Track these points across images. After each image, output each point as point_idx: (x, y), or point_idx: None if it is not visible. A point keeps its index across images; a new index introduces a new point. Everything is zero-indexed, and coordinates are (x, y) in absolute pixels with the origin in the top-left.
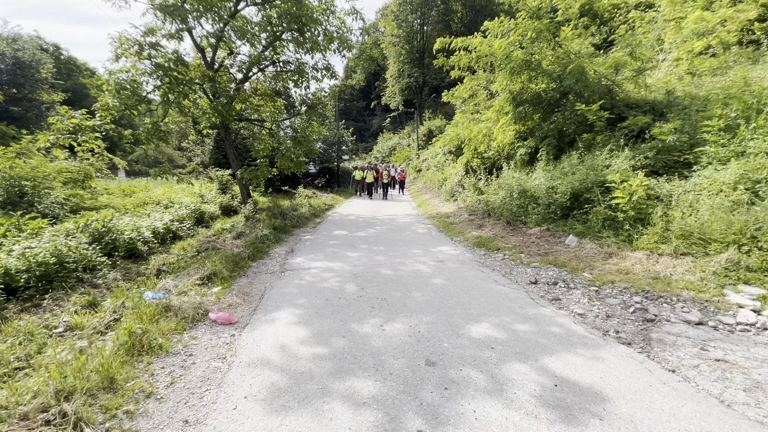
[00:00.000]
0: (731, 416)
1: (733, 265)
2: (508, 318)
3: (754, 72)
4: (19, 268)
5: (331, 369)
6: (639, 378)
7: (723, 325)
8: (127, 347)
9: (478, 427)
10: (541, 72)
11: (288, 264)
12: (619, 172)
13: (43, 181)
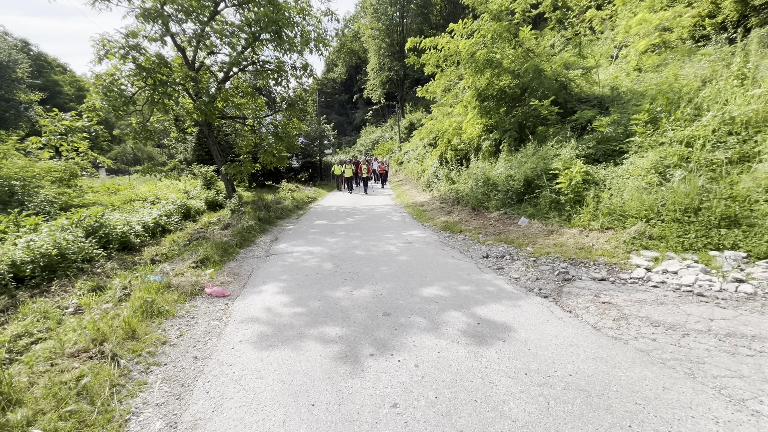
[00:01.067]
0: (596, 335)
1: (640, 235)
2: (454, 282)
3: (684, 69)
4: (24, 259)
5: (307, 321)
6: (541, 317)
7: (620, 280)
8: (141, 310)
9: (415, 351)
10: (501, 70)
11: (272, 249)
12: (563, 160)
13: (32, 181)
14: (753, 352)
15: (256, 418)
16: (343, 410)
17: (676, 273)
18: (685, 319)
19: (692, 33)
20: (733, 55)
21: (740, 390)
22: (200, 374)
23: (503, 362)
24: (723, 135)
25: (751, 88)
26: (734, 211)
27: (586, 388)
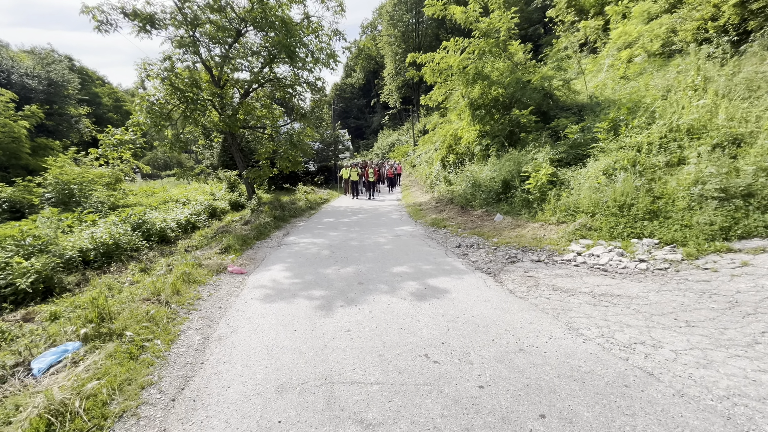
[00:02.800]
0: (507, 295)
1: (582, 227)
2: (421, 263)
3: (654, 80)
4: (89, 247)
5: (301, 287)
6: (475, 285)
7: (553, 261)
8: (182, 278)
9: (372, 304)
10: (490, 82)
11: (283, 241)
12: (534, 164)
13: (87, 185)
14: (609, 304)
15: (258, 335)
16: (314, 333)
17: (598, 256)
18: (580, 286)
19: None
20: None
21: (581, 324)
22: (223, 315)
23: (430, 309)
24: (669, 141)
25: (699, 98)
26: (657, 207)
27: (478, 322)
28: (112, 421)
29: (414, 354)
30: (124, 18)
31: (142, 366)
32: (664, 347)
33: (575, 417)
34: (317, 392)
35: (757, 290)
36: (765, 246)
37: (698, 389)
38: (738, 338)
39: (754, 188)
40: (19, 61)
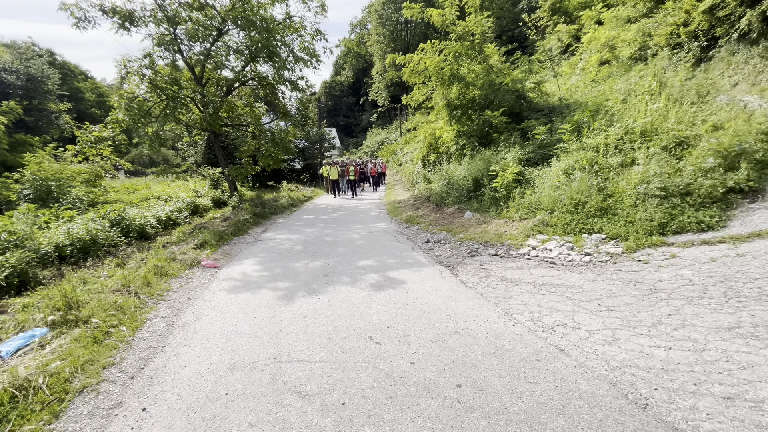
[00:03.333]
0: (458, 285)
1: (540, 223)
2: (387, 257)
3: (618, 84)
4: (65, 242)
5: (268, 279)
6: (432, 277)
7: (508, 255)
8: (154, 271)
9: (332, 294)
10: (465, 84)
11: (260, 237)
12: (502, 163)
13: (65, 182)
14: (546, 293)
15: (220, 322)
16: (272, 320)
17: (550, 250)
18: (525, 277)
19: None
20: (668, 71)
21: (516, 310)
22: (191, 305)
23: (384, 298)
24: (625, 143)
25: (654, 102)
26: (607, 204)
27: (425, 309)
28: (72, 395)
29: (360, 336)
30: (103, 15)
31: (105, 349)
32: (581, 328)
33: (486, 386)
34: (265, 369)
35: (676, 279)
36: (694, 240)
37: (597, 362)
38: (646, 320)
39: (692, 187)
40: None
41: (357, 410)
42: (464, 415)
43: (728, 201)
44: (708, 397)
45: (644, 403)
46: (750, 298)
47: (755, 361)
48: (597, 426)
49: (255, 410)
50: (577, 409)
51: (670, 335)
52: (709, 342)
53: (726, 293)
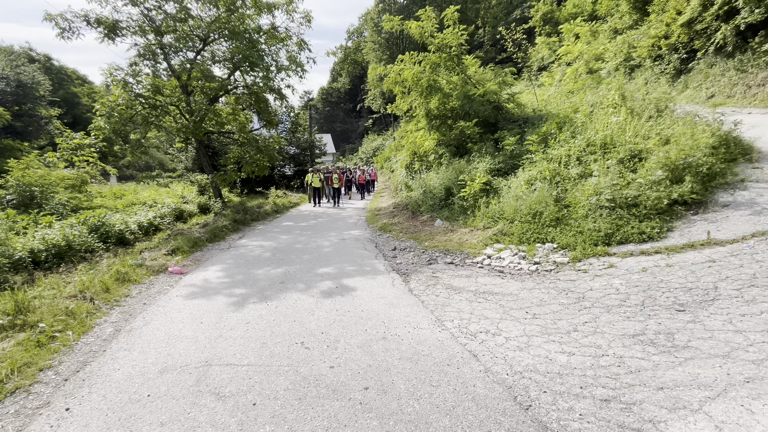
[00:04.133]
0: (404, 293)
1: (499, 233)
2: (347, 264)
3: (588, 96)
4: (40, 248)
5: (226, 286)
6: (383, 284)
7: (463, 263)
8: (115, 277)
9: (282, 300)
10: (443, 94)
11: (234, 243)
12: (472, 172)
13: (48, 187)
14: (483, 300)
15: (166, 327)
16: (217, 325)
17: (503, 258)
18: (470, 285)
19: (650, 53)
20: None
21: (447, 317)
22: (144, 311)
23: (330, 305)
24: (587, 154)
25: (615, 115)
26: (561, 215)
27: (363, 315)
28: (3, 395)
29: (292, 342)
30: (87, 26)
31: (47, 352)
32: (501, 335)
33: (392, 388)
34: (193, 372)
35: (605, 288)
36: (634, 250)
37: (503, 367)
38: (563, 327)
39: (639, 199)
40: None
41: (264, 410)
42: (361, 415)
43: (673, 212)
44: (587, 399)
45: (528, 404)
46: (663, 306)
47: (643, 366)
48: (477, 425)
49: (170, 411)
50: (464, 411)
51: (579, 342)
52: (611, 348)
53: (644, 302)
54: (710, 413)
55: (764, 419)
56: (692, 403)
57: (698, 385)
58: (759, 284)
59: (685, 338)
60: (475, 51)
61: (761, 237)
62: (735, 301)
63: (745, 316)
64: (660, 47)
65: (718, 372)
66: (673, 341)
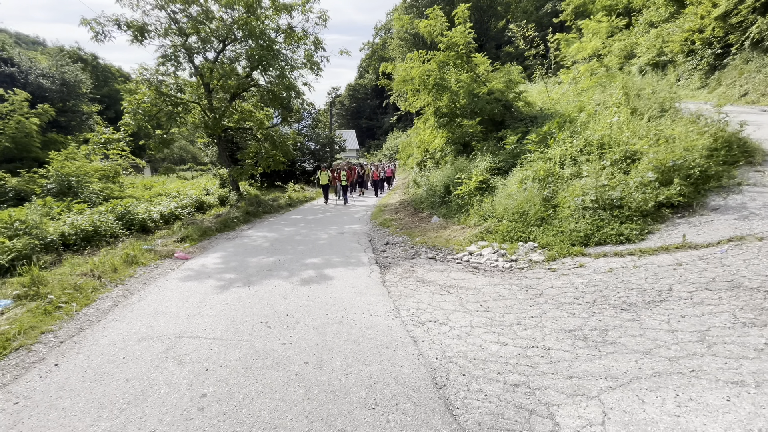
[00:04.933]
0: (376, 284)
1: (485, 231)
2: (335, 256)
3: (596, 95)
4: (70, 232)
5: (220, 271)
6: (360, 275)
7: (444, 258)
8: (124, 259)
9: (263, 286)
10: (450, 93)
11: (241, 234)
12: (469, 171)
13: (84, 177)
14: (446, 293)
15: (155, 304)
16: (200, 304)
17: (483, 255)
18: (440, 278)
19: (683, 48)
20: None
21: (406, 307)
22: (142, 289)
23: (304, 291)
24: (585, 154)
25: (616, 115)
26: (547, 214)
27: (330, 302)
28: (9, 351)
29: (258, 321)
30: (118, 29)
31: (51, 319)
32: (448, 324)
33: (328, 364)
34: (165, 342)
35: (566, 287)
36: (608, 251)
37: (436, 352)
38: (509, 320)
39: (624, 201)
40: (37, 63)
41: (213, 375)
42: (292, 384)
43: (659, 215)
44: (499, 384)
45: (443, 384)
46: (612, 305)
47: (564, 357)
48: (389, 398)
49: (136, 371)
50: (383, 386)
51: (517, 334)
52: (543, 341)
53: (595, 301)
54: (604, 401)
55: (651, 408)
56: (592, 391)
57: (607, 376)
58: (714, 287)
59: (616, 335)
60: (505, 46)
61: (737, 242)
62: (683, 302)
63: (684, 317)
64: (693, 42)
65: (631, 366)
66: (604, 337)
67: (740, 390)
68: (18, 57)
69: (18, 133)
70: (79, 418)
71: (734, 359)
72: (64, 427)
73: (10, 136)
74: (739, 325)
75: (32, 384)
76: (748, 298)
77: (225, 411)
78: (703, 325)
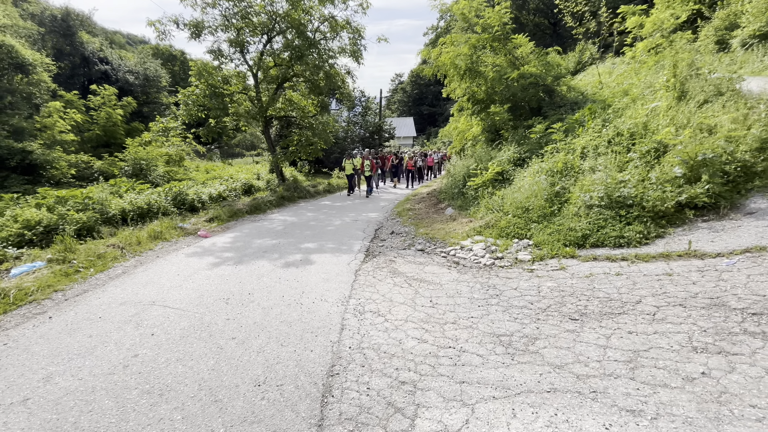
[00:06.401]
0: (348, 272)
1: (486, 225)
2: (331, 242)
3: (648, 77)
4: (128, 209)
5: (224, 249)
6: (340, 263)
7: (433, 251)
8: (150, 234)
9: (249, 266)
10: (483, 78)
11: (267, 217)
12: (488, 161)
13: (152, 161)
14: (406, 286)
15: (152, 275)
16: (187, 278)
17: (472, 250)
18: (412, 271)
19: None
20: None
21: (358, 296)
22: (152, 261)
23: (281, 274)
24: (614, 145)
25: (656, 100)
26: (551, 210)
27: (293, 285)
28: (24, 303)
29: (221, 297)
30: (177, 28)
31: (68, 280)
32: (386, 316)
33: (250, 341)
34: (138, 307)
35: (529, 289)
36: (600, 255)
37: (354, 341)
38: (447, 318)
39: (637, 199)
40: (126, 60)
41: (153, 339)
42: (209, 356)
43: (680, 217)
44: (388, 379)
45: (337, 373)
46: (561, 314)
47: (473, 361)
48: (279, 379)
49: (100, 329)
50: (283, 367)
51: (444, 333)
52: (464, 342)
53: (549, 307)
54: (476, 410)
55: (517, 424)
56: (472, 399)
57: (499, 386)
58: (690, 304)
59: (542, 345)
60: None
61: (755, 254)
62: (642, 317)
63: (631, 334)
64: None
65: (532, 378)
66: (528, 346)
67: (630, 420)
68: (110, 56)
69: (107, 122)
70: (36, 361)
71: (651, 386)
72: (24, 366)
73: (101, 125)
74: (687, 350)
75: (25, 331)
76: (720, 320)
77: (141, 371)
78: (645, 345)
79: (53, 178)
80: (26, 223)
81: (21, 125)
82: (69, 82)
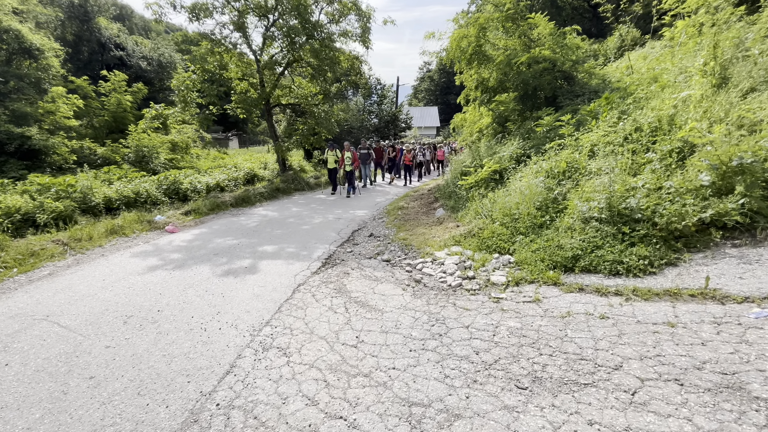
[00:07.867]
0: (289, 289)
1: (468, 234)
2: (292, 246)
3: (685, 60)
4: (114, 197)
5: (174, 250)
6: (287, 273)
7: (398, 263)
8: (107, 229)
9: (187, 271)
10: (490, 64)
11: (249, 211)
12: (495, 157)
13: (154, 148)
14: (340, 312)
15: (79, 279)
16: (112, 285)
17: (443, 265)
18: (361, 289)
19: None
20: None
21: (281, 322)
22: (91, 261)
23: (208, 287)
24: (632, 141)
25: (694, 87)
26: (543, 221)
27: (218, 301)
28: None
29: (124, 314)
30: (174, 10)
31: None
32: (294, 356)
33: (113, 382)
34: (27, 322)
35: (484, 328)
36: (590, 285)
37: (229, 394)
38: (363, 369)
39: (648, 213)
40: (141, 47)
41: (4, 371)
42: (50, 400)
43: (703, 239)
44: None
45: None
46: (507, 374)
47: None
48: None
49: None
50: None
51: (347, 392)
52: (363, 414)
53: (496, 362)
54: None
55: None
56: None
57: None
58: (690, 381)
59: (461, 430)
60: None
61: None
62: (616, 395)
63: (593, 425)
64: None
65: None
66: (442, 430)
67: None
68: (126, 42)
69: (117, 108)
70: None
71: None
72: None
73: (111, 111)
74: None
75: None
76: (732, 417)
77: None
78: None
79: (54, 163)
80: (6, 210)
81: (25, 110)
82: (87, 67)
